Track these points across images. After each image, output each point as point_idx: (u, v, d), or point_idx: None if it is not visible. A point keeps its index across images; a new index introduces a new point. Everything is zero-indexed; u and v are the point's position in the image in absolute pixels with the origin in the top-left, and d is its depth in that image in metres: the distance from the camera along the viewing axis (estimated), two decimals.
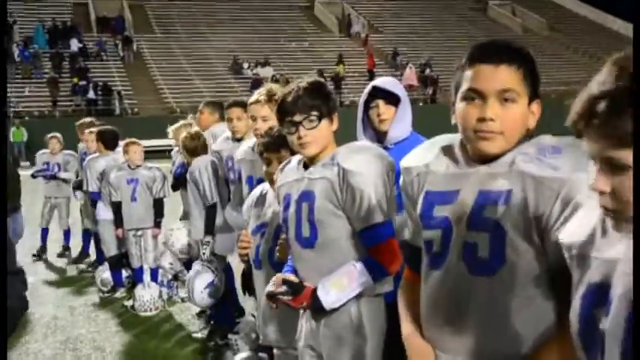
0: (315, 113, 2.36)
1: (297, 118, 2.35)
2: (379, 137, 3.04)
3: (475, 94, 1.64)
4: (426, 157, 1.82)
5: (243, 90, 29.38)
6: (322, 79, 2.56)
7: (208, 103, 6.09)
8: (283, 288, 2.34)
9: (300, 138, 2.35)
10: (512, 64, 1.63)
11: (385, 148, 2.84)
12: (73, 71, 29.67)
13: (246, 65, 32.83)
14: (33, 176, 8.56)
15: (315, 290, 2.31)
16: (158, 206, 6.48)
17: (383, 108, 2.99)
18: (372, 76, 34.02)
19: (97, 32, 34.78)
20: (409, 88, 28.55)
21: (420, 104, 29.58)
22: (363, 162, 2.31)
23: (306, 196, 2.38)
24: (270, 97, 3.58)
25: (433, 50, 36.37)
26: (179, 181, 5.91)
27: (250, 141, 4.02)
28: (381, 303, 2.40)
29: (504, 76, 1.62)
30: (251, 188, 3.66)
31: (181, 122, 6.29)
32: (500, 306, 1.61)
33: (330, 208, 2.32)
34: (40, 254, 8.79)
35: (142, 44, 33.88)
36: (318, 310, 2.35)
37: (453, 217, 1.68)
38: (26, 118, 26.33)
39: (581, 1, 46.60)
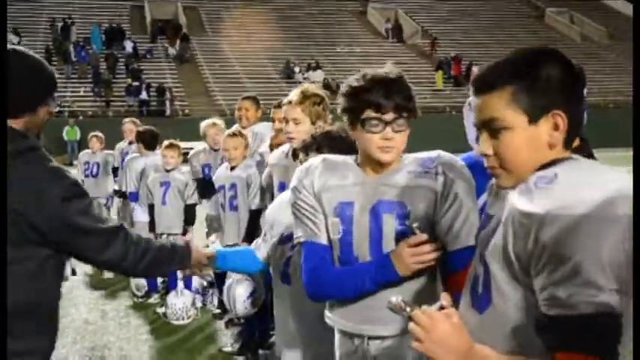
0: (405, 115, 2.00)
1: (388, 117, 1.99)
2: None
3: (477, 128, 1.48)
4: None
5: None
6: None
7: (253, 98, 5.88)
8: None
9: (387, 140, 2.00)
10: (495, 89, 1.41)
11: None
12: (127, 72, 30.14)
13: (297, 69, 32.78)
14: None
15: None
16: (189, 212, 6.20)
17: None
18: (457, 82, 33.73)
19: (151, 34, 35.33)
20: None
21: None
22: (467, 173, 2.03)
23: (391, 207, 2.02)
24: (304, 98, 3.30)
25: (487, 57, 35.71)
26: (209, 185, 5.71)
27: (284, 145, 3.78)
28: None
29: (486, 105, 1.42)
30: None
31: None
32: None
33: (426, 221, 1.99)
34: None
35: (195, 46, 34.21)
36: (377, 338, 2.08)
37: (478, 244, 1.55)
38: (80, 118, 26.79)
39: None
